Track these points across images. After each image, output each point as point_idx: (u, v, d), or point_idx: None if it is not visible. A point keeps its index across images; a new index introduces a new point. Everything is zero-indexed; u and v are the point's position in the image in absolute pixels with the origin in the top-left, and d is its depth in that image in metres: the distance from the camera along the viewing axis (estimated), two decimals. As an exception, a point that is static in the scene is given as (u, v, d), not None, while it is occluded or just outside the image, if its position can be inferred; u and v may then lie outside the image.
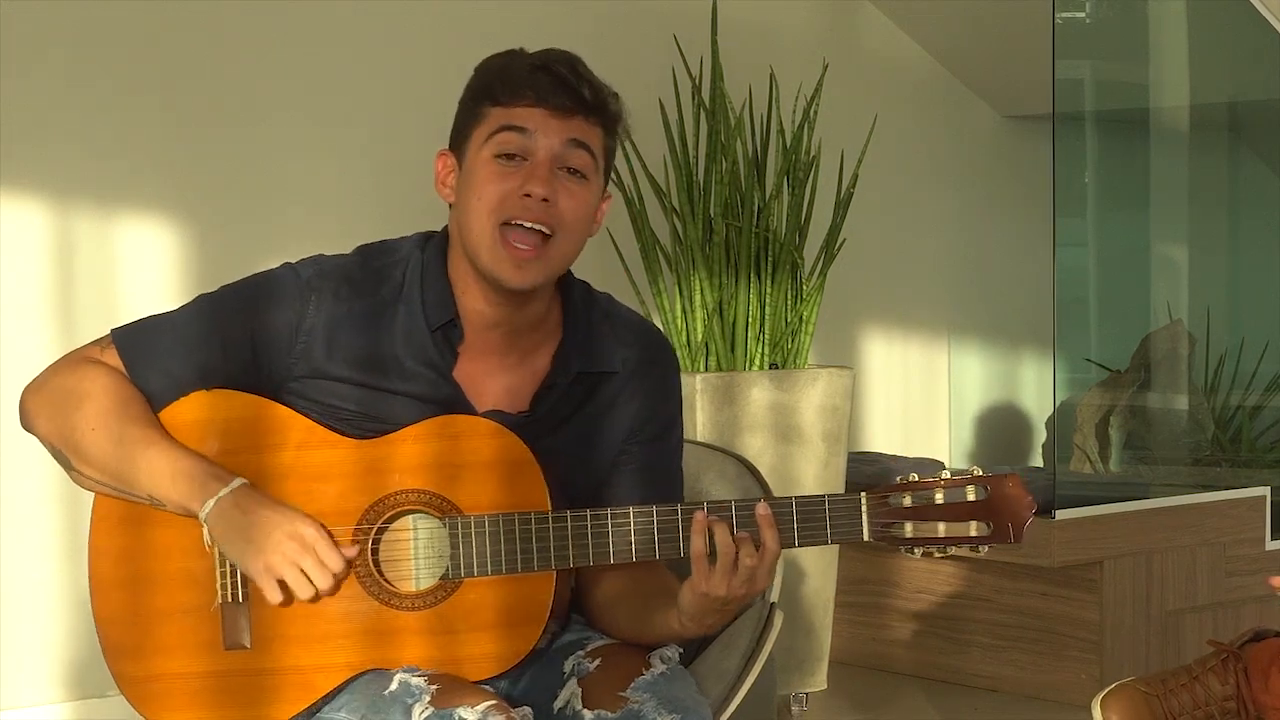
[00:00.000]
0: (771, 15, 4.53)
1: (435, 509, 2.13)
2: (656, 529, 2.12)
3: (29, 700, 3.49)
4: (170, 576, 2.14)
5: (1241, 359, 4.97)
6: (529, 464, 2.13)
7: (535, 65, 2.17)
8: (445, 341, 2.19)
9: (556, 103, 2.15)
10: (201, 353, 2.17)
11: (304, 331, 2.16)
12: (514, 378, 2.23)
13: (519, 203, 2.13)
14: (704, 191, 3.86)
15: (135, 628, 2.15)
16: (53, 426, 2.19)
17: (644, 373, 2.28)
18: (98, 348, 2.21)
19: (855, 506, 2.11)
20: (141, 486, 2.13)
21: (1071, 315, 4.80)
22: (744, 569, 2.08)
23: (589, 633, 2.26)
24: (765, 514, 2.10)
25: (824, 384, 3.84)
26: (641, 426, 2.27)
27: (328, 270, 2.20)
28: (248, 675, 2.12)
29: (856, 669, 4.25)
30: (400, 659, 2.10)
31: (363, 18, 3.90)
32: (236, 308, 2.19)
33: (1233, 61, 5.02)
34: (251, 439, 2.15)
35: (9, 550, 3.45)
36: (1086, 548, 3.91)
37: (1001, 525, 2.10)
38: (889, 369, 4.93)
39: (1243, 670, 2.86)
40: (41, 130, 3.50)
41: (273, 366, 2.17)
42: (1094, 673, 3.87)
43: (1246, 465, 4.94)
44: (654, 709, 2.06)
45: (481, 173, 2.16)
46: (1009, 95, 4.94)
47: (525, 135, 2.15)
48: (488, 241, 2.14)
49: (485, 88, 2.19)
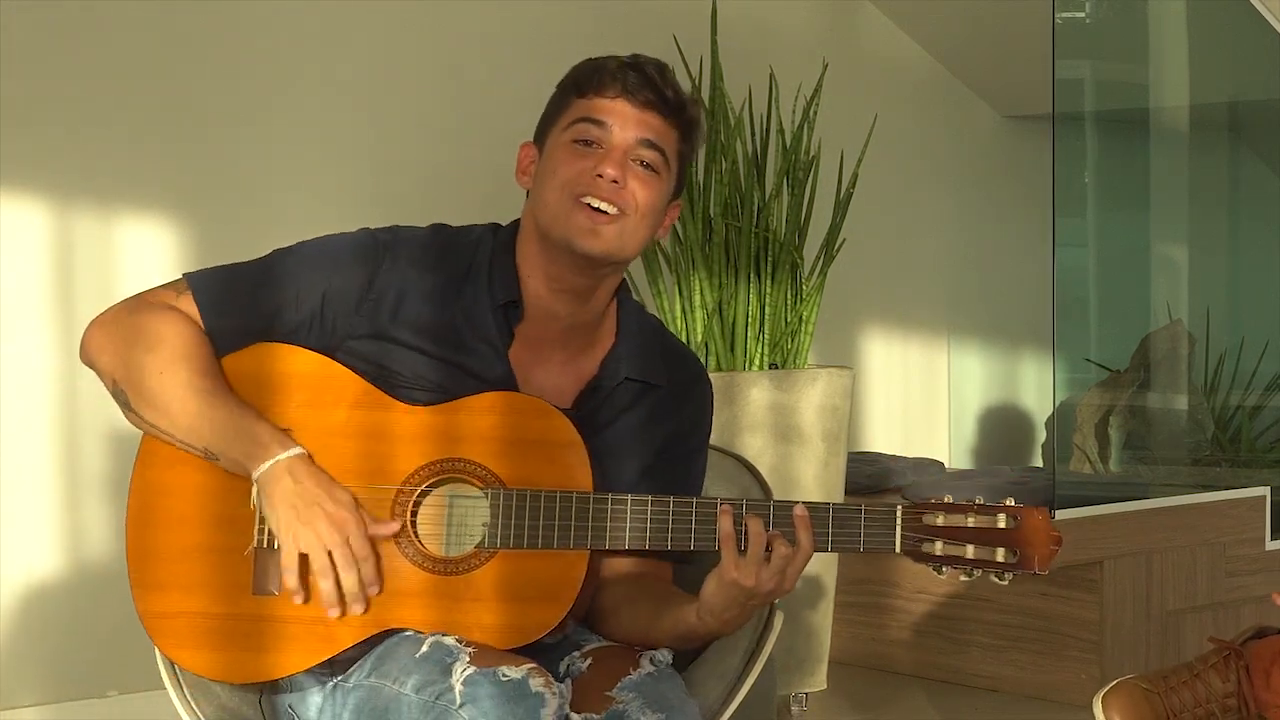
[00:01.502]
0: (771, 15, 4.53)
1: (479, 479, 2.16)
2: (694, 519, 2.15)
3: (29, 700, 3.49)
4: (207, 517, 2.17)
5: (1241, 359, 4.97)
6: (576, 446, 2.18)
7: (625, 63, 2.28)
8: (505, 321, 2.25)
9: (638, 98, 2.25)
10: (273, 304, 2.22)
11: (375, 290, 2.22)
12: (562, 374, 2.29)
13: (592, 181, 2.22)
14: (704, 191, 3.86)
15: (164, 562, 2.17)
16: (119, 363, 2.21)
17: (684, 395, 2.37)
18: (173, 291, 2.24)
19: (890, 518, 2.15)
20: (202, 438, 2.16)
21: (1071, 315, 4.80)
22: (777, 560, 2.11)
23: (586, 634, 2.27)
24: (802, 514, 2.14)
25: (824, 384, 3.84)
26: (671, 445, 2.33)
27: (404, 237, 2.28)
28: (268, 621, 2.15)
29: (856, 669, 4.25)
30: (426, 621, 2.13)
31: (363, 17, 3.90)
32: (313, 262, 2.25)
33: (1233, 61, 5.02)
34: (310, 394, 2.19)
35: (9, 550, 3.45)
36: (1086, 548, 3.91)
37: (1028, 555, 2.15)
38: (889, 369, 4.93)
39: (1244, 668, 2.86)
40: (41, 130, 3.50)
41: (337, 322, 2.22)
42: (1094, 673, 3.87)
43: (1246, 465, 4.94)
44: (639, 709, 2.08)
45: (558, 154, 2.25)
46: (1009, 95, 4.94)
47: (602, 127, 2.24)
48: (563, 211, 2.22)
49: (575, 81, 2.29)
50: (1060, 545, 2.17)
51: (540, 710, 1.98)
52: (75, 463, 3.48)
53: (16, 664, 3.48)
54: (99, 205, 3.56)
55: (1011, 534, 2.15)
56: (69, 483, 3.49)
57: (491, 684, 1.99)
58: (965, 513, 2.16)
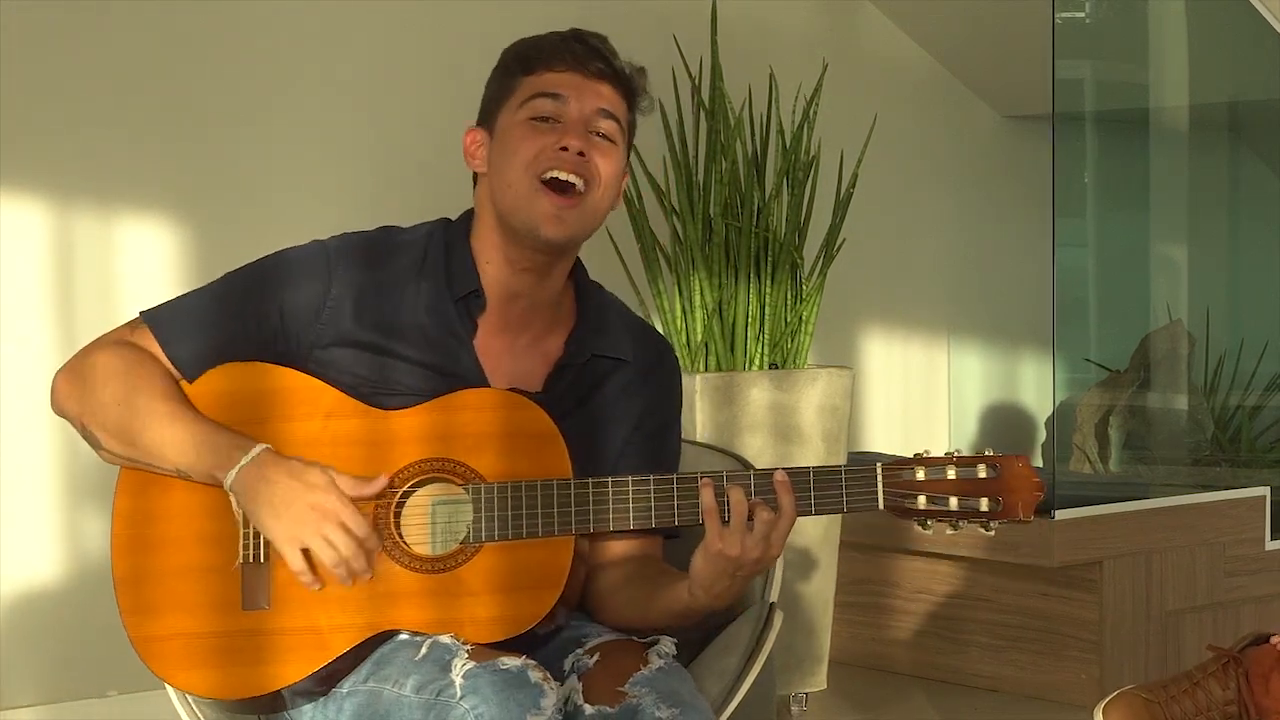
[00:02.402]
0: (771, 15, 4.53)
1: (459, 477, 2.17)
2: (676, 495, 2.16)
3: (29, 700, 3.49)
4: (191, 537, 2.17)
5: (1241, 359, 4.97)
6: (552, 435, 2.18)
7: (567, 37, 2.29)
8: (467, 312, 2.26)
9: (590, 69, 2.26)
10: (230, 326, 2.22)
11: (331, 298, 2.23)
12: (528, 359, 2.29)
13: (555, 155, 2.23)
14: (704, 192, 3.86)
15: (153, 586, 2.17)
16: (80, 407, 2.22)
17: (651, 369, 2.37)
18: (129, 329, 2.26)
19: (871, 476, 2.17)
20: (167, 460, 2.16)
21: (1071, 315, 4.80)
22: (760, 526, 2.11)
23: (587, 628, 2.27)
24: (783, 479, 2.14)
25: (824, 384, 3.84)
26: (643, 421, 2.34)
27: (353, 240, 2.29)
28: (262, 635, 2.14)
29: (856, 669, 4.25)
30: (416, 620, 2.13)
31: (362, 17, 3.90)
32: (266, 280, 2.25)
33: (1233, 61, 5.02)
34: (281, 409, 2.19)
35: (9, 550, 3.45)
36: (1086, 548, 3.91)
37: (1011, 503, 2.18)
38: (889, 369, 4.93)
39: (1244, 675, 2.86)
40: (41, 130, 3.50)
41: (300, 335, 2.22)
42: (1093, 673, 3.87)
43: (1246, 465, 4.94)
44: (652, 703, 2.08)
45: (516, 133, 2.25)
46: (1009, 95, 4.94)
47: (559, 100, 2.25)
48: (525, 195, 2.23)
49: (518, 59, 2.29)
50: (1043, 491, 2.18)
51: (541, 700, 1.99)
52: (75, 463, 3.48)
53: (17, 664, 3.48)
54: (99, 205, 3.57)
55: (993, 483, 2.18)
56: (69, 483, 3.49)
57: (491, 674, 2.00)
58: (945, 465, 2.18)
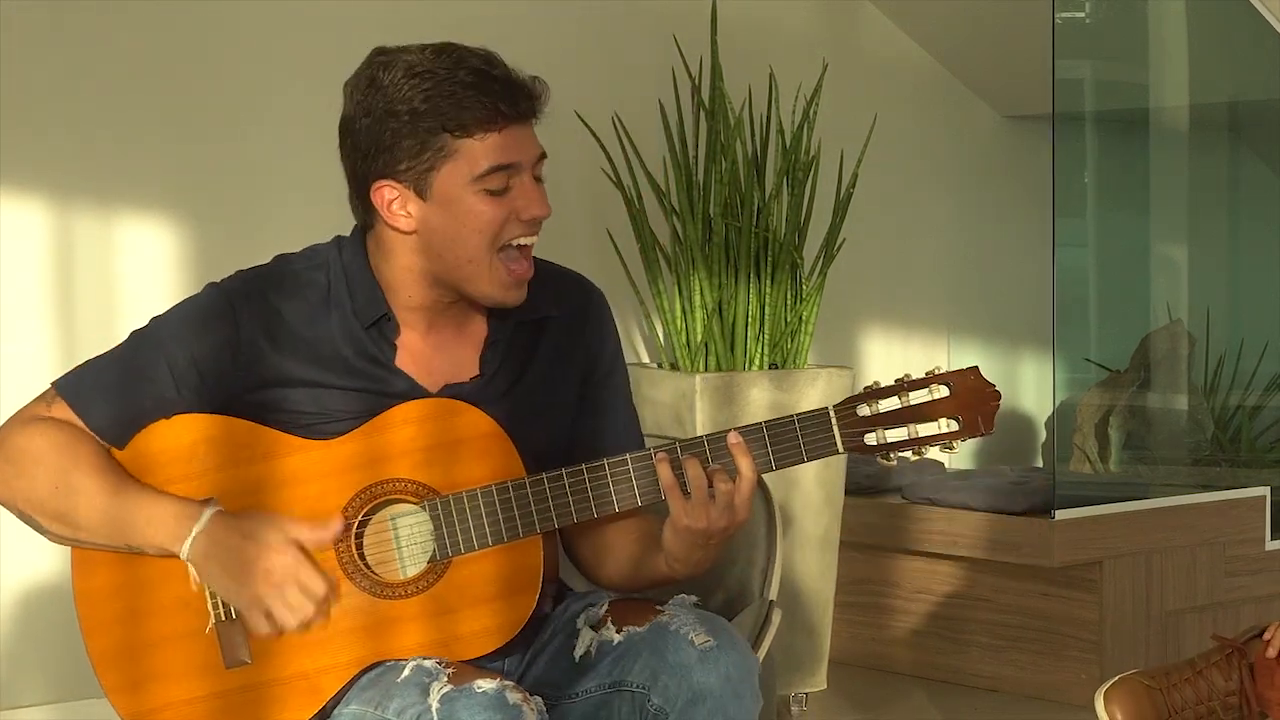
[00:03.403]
0: (771, 15, 4.53)
1: (413, 495, 2.13)
2: (634, 476, 2.13)
3: (29, 700, 3.49)
4: (161, 605, 2.14)
5: (1241, 359, 4.97)
6: (496, 435, 2.15)
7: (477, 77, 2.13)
8: (381, 336, 2.20)
9: (521, 109, 2.14)
10: (149, 386, 2.16)
11: (245, 343, 2.17)
12: (458, 346, 2.24)
13: (519, 225, 2.15)
14: (703, 192, 3.86)
15: (134, 662, 2.15)
16: (11, 494, 2.16)
17: (582, 316, 2.30)
18: (44, 403, 2.19)
19: (825, 420, 2.14)
20: (116, 539, 2.12)
21: (1071, 315, 4.80)
22: (721, 496, 2.10)
23: (594, 595, 2.26)
24: (737, 442, 2.12)
25: (824, 384, 3.84)
26: (592, 369, 2.29)
27: (250, 279, 2.21)
28: (253, 689, 2.12)
29: (856, 669, 4.25)
30: (403, 647, 2.11)
31: (363, 17, 3.90)
32: (170, 335, 2.18)
33: (1233, 61, 5.01)
34: (220, 457, 2.14)
35: (9, 550, 3.45)
36: (1086, 548, 3.91)
37: (970, 419, 2.15)
38: (889, 369, 4.92)
39: (1247, 666, 2.86)
40: (41, 130, 3.50)
41: (222, 384, 2.16)
42: (1094, 673, 3.86)
43: (1246, 465, 4.94)
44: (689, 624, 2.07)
45: (470, 208, 2.14)
46: (1009, 95, 4.93)
47: (514, 169, 2.14)
48: (485, 271, 2.15)
49: (436, 118, 2.12)
50: (999, 400, 2.15)
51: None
52: (75, 463, 3.47)
53: (18, 664, 3.48)
54: (99, 205, 3.57)
55: (947, 402, 2.14)
56: (69, 483, 3.49)
57: (468, 697, 1.98)
58: (897, 393, 2.14)
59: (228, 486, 2.13)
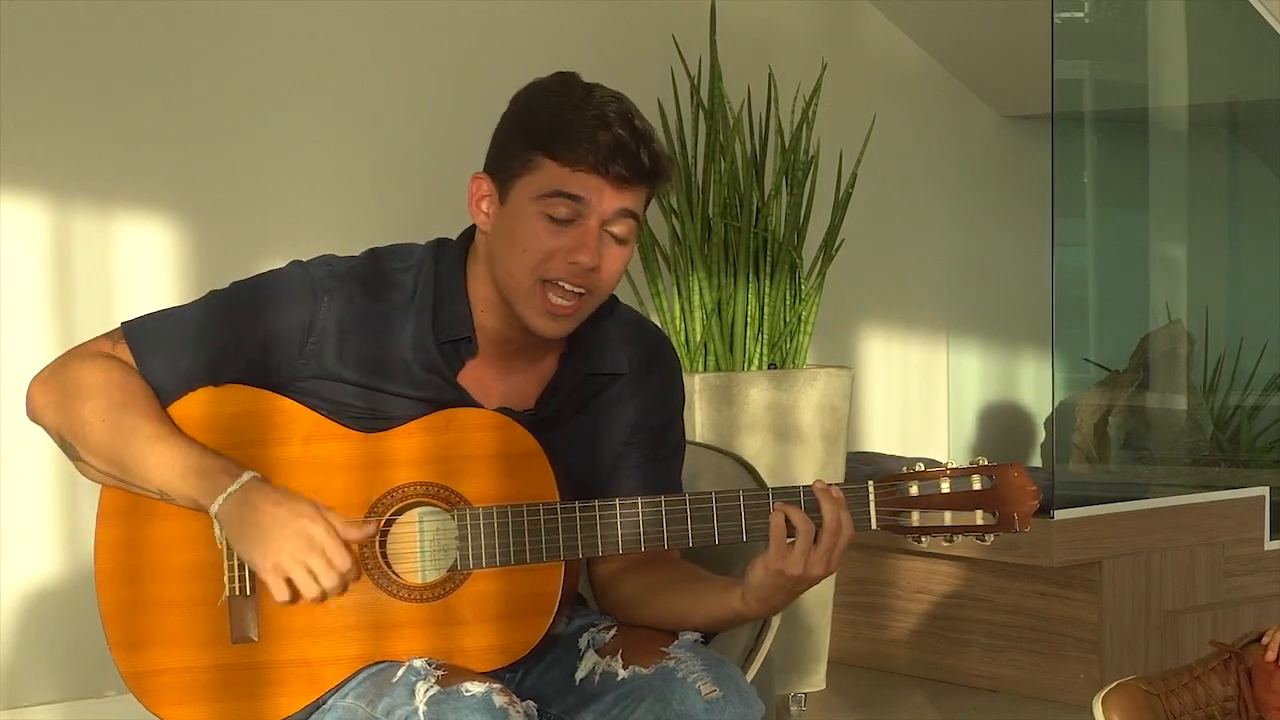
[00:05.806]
0: (770, 15, 4.53)
1: (443, 501, 2.13)
2: (665, 518, 2.13)
3: (29, 700, 3.49)
4: (177, 569, 2.15)
5: (1240, 359, 4.97)
6: (536, 456, 2.14)
7: (597, 124, 2.12)
8: (455, 353, 2.19)
9: (616, 172, 2.12)
10: (211, 348, 2.17)
11: (316, 332, 2.17)
12: (520, 379, 2.24)
13: (565, 266, 2.13)
14: (702, 192, 3.86)
15: (141, 621, 2.15)
16: (60, 418, 2.18)
17: (646, 369, 2.30)
18: (109, 340, 2.21)
19: (863, 495, 2.15)
20: (151, 481, 2.13)
21: (1070, 315, 4.80)
22: (824, 548, 2.12)
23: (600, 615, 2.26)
24: (839, 497, 2.13)
25: (823, 384, 3.84)
26: (643, 422, 2.28)
27: (340, 272, 2.20)
28: (254, 668, 2.12)
29: (856, 669, 4.25)
30: (408, 651, 2.10)
31: (363, 16, 3.90)
32: (250, 305, 2.19)
33: (1232, 61, 5.02)
34: (259, 433, 2.15)
35: (9, 550, 3.45)
36: (1086, 548, 3.91)
37: (1007, 514, 2.13)
38: (888, 369, 4.92)
39: (1245, 671, 2.86)
40: (40, 130, 3.50)
41: (283, 365, 2.17)
42: (1093, 673, 3.87)
43: (1245, 465, 4.94)
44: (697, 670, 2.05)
45: (529, 226, 2.14)
46: (1009, 95, 4.93)
47: (579, 203, 2.12)
48: (524, 293, 2.14)
49: (540, 134, 2.13)
50: (1039, 499, 2.14)
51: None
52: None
53: (20, 664, 3.48)
54: (98, 205, 3.57)
55: (988, 494, 2.13)
56: (70, 483, 3.49)
57: (456, 700, 1.98)
58: (938, 478, 2.13)
59: (260, 462, 2.13)
